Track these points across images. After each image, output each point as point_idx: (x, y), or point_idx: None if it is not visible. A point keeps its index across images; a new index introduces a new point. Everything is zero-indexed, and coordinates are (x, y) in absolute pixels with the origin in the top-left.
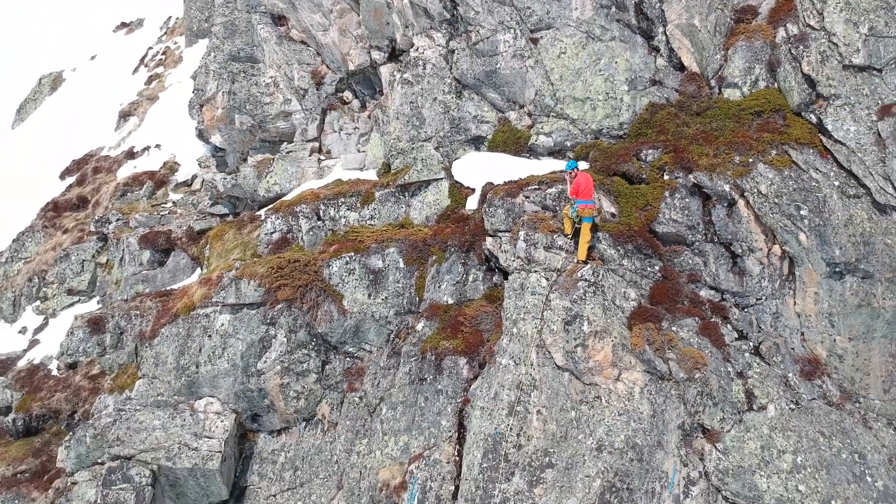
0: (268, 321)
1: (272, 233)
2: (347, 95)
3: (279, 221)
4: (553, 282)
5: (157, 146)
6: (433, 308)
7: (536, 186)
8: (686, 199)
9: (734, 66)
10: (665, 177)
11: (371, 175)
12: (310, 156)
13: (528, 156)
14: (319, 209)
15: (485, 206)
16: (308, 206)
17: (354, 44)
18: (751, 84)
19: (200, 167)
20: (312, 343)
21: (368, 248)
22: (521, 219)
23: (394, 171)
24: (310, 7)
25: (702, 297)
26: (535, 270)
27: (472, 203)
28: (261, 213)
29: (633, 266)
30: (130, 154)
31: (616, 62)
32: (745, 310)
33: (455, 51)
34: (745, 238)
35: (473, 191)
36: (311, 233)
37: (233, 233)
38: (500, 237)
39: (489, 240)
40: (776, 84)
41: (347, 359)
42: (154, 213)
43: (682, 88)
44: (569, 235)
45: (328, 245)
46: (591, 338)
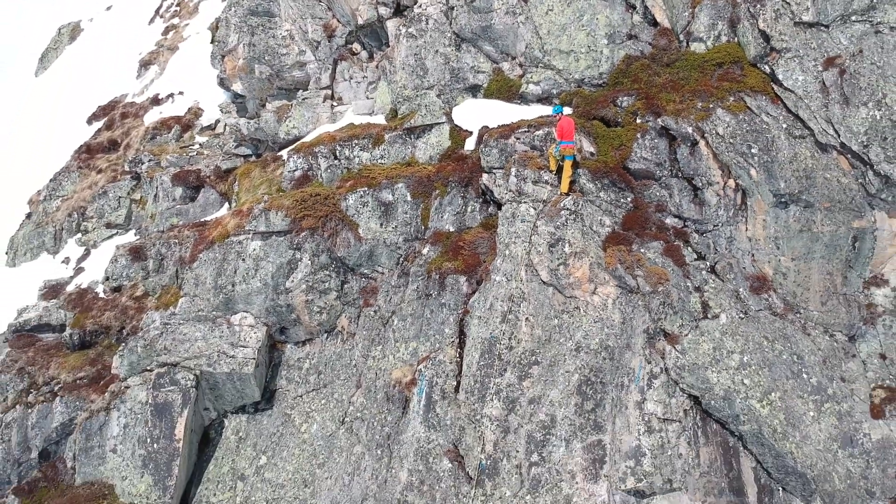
0: (294, 246)
1: (294, 170)
2: (356, 47)
3: (301, 160)
4: (540, 211)
5: (181, 93)
6: (437, 235)
7: (526, 129)
8: (655, 140)
9: (700, 23)
10: (637, 120)
11: (380, 119)
12: (323, 102)
13: (519, 102)
14: (336, 149)
15: (481, 147)
16: (326, 147)
17: None
18: (714, 38)
19: (222, 112)
20: (333, 265)
21: (380, 184)
22: (513, 157)
23: (401, 116)
24: None
25: (667, 224)
26: (525, 201)
27: (470, 144)
28: (282, 154)
29: (609, 197)
30: (156, 101)
31: (597, 18)
32: (704, 235)
33: (454, 7)
34: (705, 173)
35: (471, 133)
36: (329, 170)
37: (258, 171)
38: (495, 173)
39: (485, 176)
40: (736, 38)
41: (363, 279)
42: (183, 154)
43: (655, 42)
44: (553, 171)
45: (344, 181)
46: (572, 258)
